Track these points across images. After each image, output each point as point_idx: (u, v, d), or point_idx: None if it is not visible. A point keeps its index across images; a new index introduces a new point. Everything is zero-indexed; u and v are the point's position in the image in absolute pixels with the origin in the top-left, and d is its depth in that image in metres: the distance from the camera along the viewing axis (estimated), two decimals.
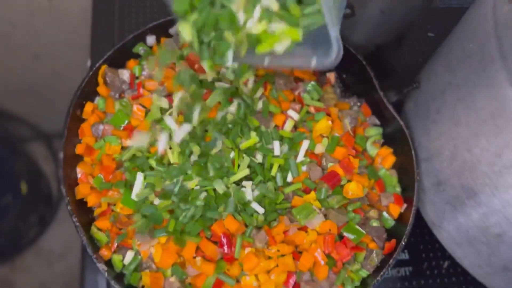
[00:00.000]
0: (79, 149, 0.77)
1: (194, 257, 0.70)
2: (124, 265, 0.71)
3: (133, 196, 0.71)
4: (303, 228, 0.73)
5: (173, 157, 0.74)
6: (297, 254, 0.72)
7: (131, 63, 0.85)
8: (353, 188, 0.76)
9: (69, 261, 2.04)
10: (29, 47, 1.62)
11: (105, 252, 0.71)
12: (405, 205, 0.80)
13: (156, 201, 0.72)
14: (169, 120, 0.75)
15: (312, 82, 0.86)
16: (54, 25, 1.53)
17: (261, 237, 0.71)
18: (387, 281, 0.91)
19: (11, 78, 1.75)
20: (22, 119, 1.96)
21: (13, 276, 1.94)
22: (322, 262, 0.70)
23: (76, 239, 2.13)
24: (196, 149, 0.74)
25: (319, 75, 0.91)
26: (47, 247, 2.02)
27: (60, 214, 2.07)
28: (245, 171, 0.74)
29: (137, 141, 0.76)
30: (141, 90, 0.81)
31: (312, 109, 0.83)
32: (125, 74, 0.82)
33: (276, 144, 0.78)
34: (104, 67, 0.81)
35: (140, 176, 0.72)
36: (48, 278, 1.98)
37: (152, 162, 0.74)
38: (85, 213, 0.75)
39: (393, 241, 0.77)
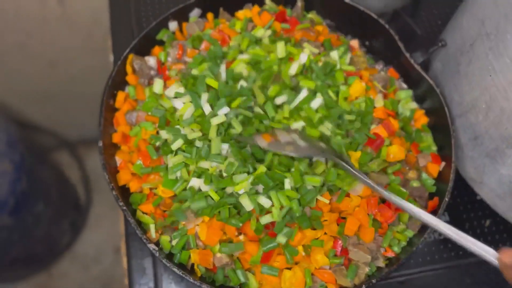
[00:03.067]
0: (115, 138, 0.78)
1: (237, 236, 0.70)
2: (172, 246, 0.72)
3: (169, 176, 0.72)
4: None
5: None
6: (340, 219, 0.73)
7: (156, 49, 0.86)
8: (395, 151, 0.76)
9: (103, 263, 2.08)
10: (44, 55, 1.64)
11: (152, 235, 0.72)
12: (443, 163, 0.80)
13: (193, 182, 0.72)
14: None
15: (343, 46, 0.86)
16: (68, 30, 1.55)
17: (305, 210, 0.71)
18: (429, 245, 0.91)
19: (29, 88, 1.78)
20: (45, 129, 1.99)
21: (51, 282, 1.99)
22: (368, 224, 0.70)
23: (108, 242, 2.15)
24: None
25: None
26: (81, 252, 2.07)
27: (90, 219, 2.12)
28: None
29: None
30: (168, 73, 0.82)
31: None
32: (151, 60, 0.83)
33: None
34: (131, 55, 0.82)
35: (170, 160, 0.73)
36: (85, 282, 2.02)
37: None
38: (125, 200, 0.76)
39: (436, 199, 0.76)
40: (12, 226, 1.52)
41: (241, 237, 0.70)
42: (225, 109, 0.75)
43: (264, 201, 0.70)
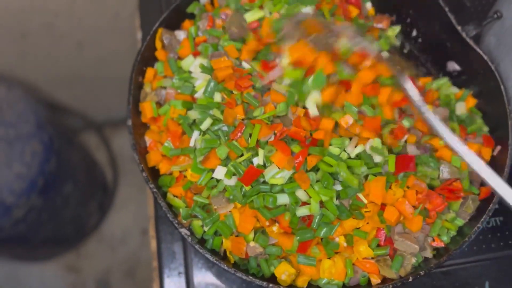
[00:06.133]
0: (145, 117, 0.74)
1: (268, 226, 0.66)
2: (204, 231, 0.68)
3: (198, 159, 0.68)
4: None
5: None
6: (384, 206, 0.67)
7: (187, 23, 0.81)
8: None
9: (130, 245, 2.09)
10: (72, 35, 1.62)
11: (183, 220, 0.68)
12: (498, 147, 0.73)
13: (218, 171, 0.68)
14: None
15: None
16: (95, 10, 1.52)
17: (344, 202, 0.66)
18: (477, 234, 0.84)
19: (57, 69, 1.76)
20: (72, 111, 1.99)
21: (79, 262, 2.01)
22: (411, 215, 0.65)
23: (134, 223, 2.15)
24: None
25: None
26: (108, 233, 2.08)
27: (117, 200, 2.13)
28: None
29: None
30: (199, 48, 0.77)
31: None
32: (181, 35, 0.78)
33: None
34: (160, 29, 0.77)
35: (196, 133, 0.69)
36: (113, 263, 2.04)
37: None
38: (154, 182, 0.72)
39: None
40: (41, 206, 1.52)
41: (275, 228, 0.66)
42: None
43: (301, 194, 0.65)
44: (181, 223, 0.67)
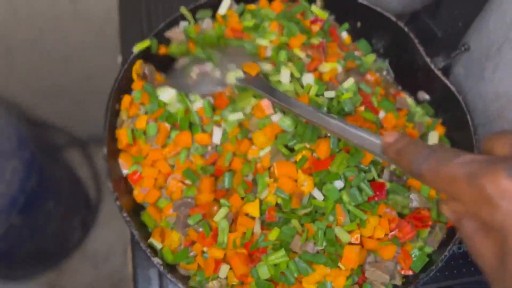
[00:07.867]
0: (121, 144, 0.75)
1: None
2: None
3: None
4: None
5: None
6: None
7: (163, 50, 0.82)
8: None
9: (113, 262, 2.07)
10: (57, 51, 1.62)
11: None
12: None
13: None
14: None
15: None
16: (80, 27, 1.53)
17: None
18: (448, 259, 0.83)
19: (42, 85, 1.76)
20: (57, 127, 1.98)
21: (60, 280, 1.98)
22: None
23: (118, 240, 2.12)
24: None
25: None
26: (91, 250, 2.06)
27: (100, 217, 2.10)
28: None
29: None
30: None
31: None
32: None
33: None
34: (139, 61, 0.78)
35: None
36: (95, 280, 2.01)
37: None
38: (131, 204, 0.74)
39: None
40: (22, 224, 1.51)
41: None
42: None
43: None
44: (154, 252, 0.68)
